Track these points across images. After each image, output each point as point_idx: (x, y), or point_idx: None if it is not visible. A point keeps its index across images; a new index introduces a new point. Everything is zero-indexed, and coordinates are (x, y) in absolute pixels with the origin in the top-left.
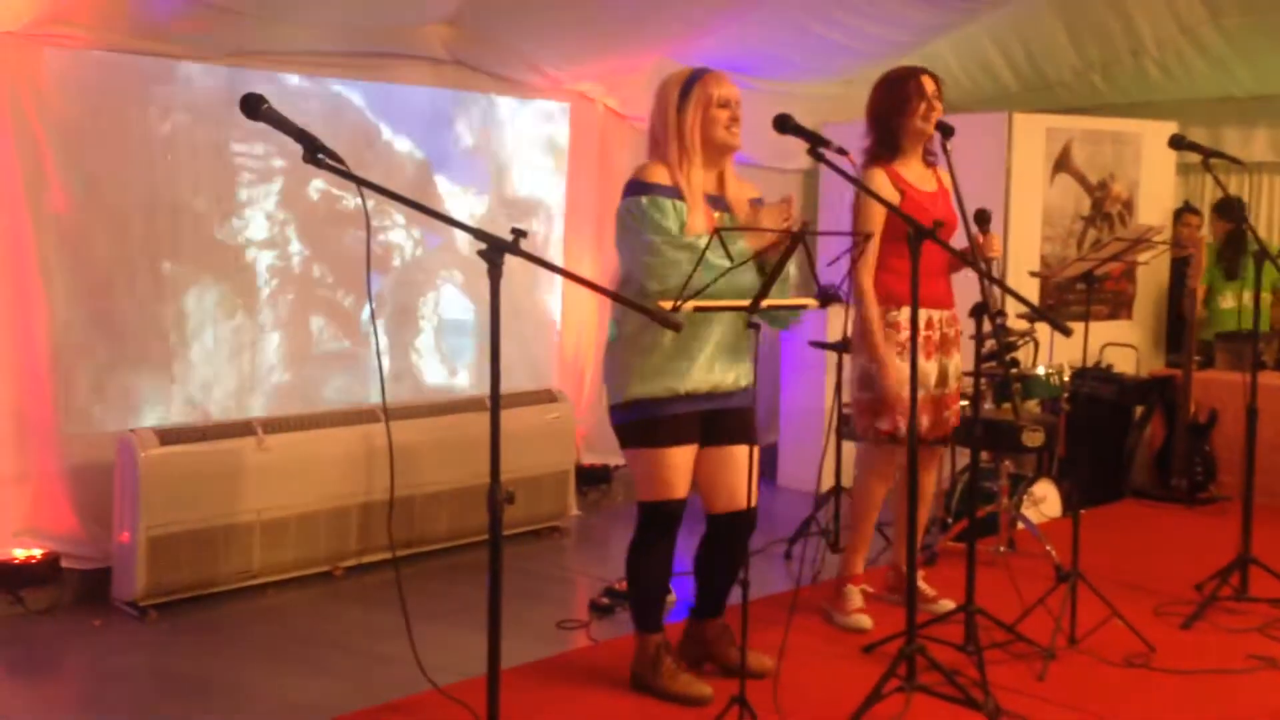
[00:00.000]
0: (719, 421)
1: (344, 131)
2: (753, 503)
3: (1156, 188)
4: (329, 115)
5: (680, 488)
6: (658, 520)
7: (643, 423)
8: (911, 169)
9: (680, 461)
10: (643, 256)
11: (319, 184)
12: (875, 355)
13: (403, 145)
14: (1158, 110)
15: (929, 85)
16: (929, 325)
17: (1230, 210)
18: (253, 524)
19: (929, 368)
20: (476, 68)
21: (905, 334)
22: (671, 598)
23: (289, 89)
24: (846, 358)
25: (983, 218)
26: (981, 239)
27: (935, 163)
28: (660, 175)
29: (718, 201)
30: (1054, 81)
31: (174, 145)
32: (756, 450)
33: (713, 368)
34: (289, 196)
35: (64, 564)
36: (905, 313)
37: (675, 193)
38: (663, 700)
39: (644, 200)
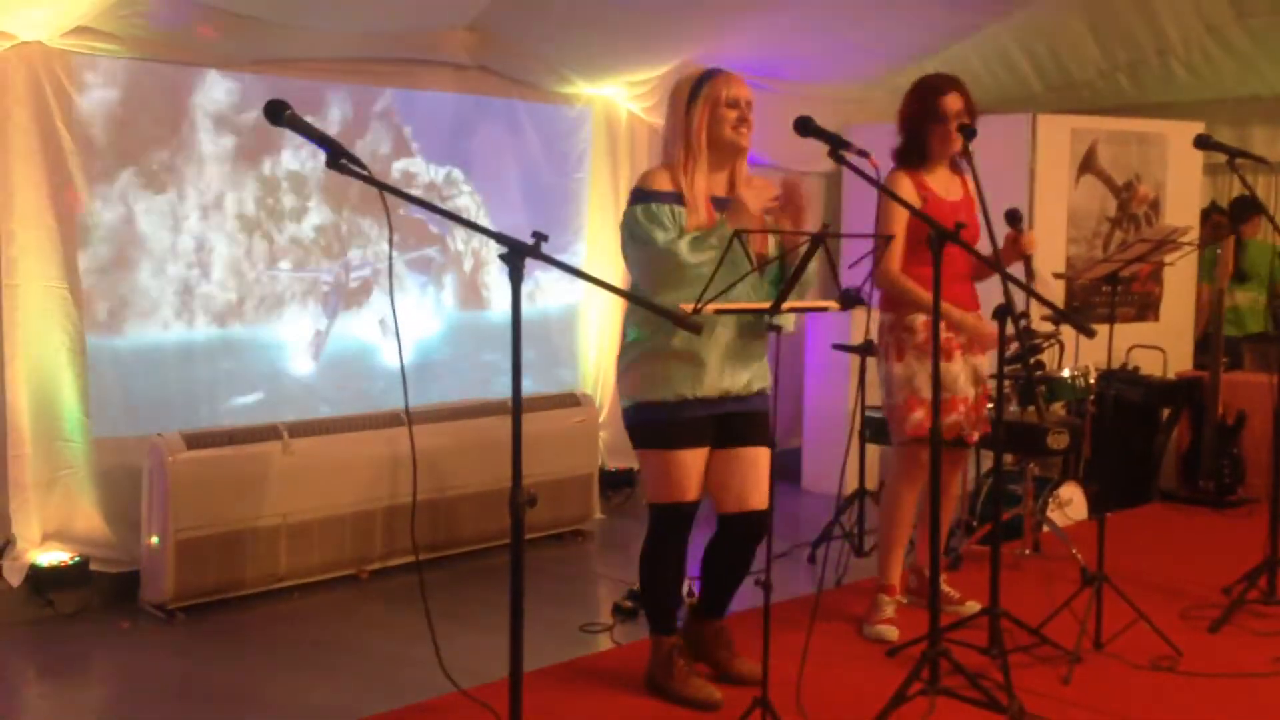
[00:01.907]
0: (731, 424)
1: (368, 137)
2: (764, 505)
3: (1183, 188)
4: (353, 121)
5: (690, 490)
6: (668, 522)
7: (654, 425)
8: (938, 177)
9: (690, 463)
10: (654, 264)
11: (350, 190)
12: (944, 314)
13: (425, 151)
14: (1184, 110)
15: (958, 103)
16: (947, 328)
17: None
18: (279, 527)
19: (956, 369)
20: (500, 73)
21: (921, 336)
22: (692, 599)
23: (314, 95)
24: (870, 361)
25: (1014, 217)
26: (1016, 236)
27: (962, 171)
28: (661, 180)
29: (725, 204)
30: (1079, 82)
31: (201, 153)
32: (768, 454)
33: (723, 372)
34: (313, 203)
35: (93, 567)
36: (921, 318)
37: (675, 197)
38: (676, 703)
39: (639, 211)
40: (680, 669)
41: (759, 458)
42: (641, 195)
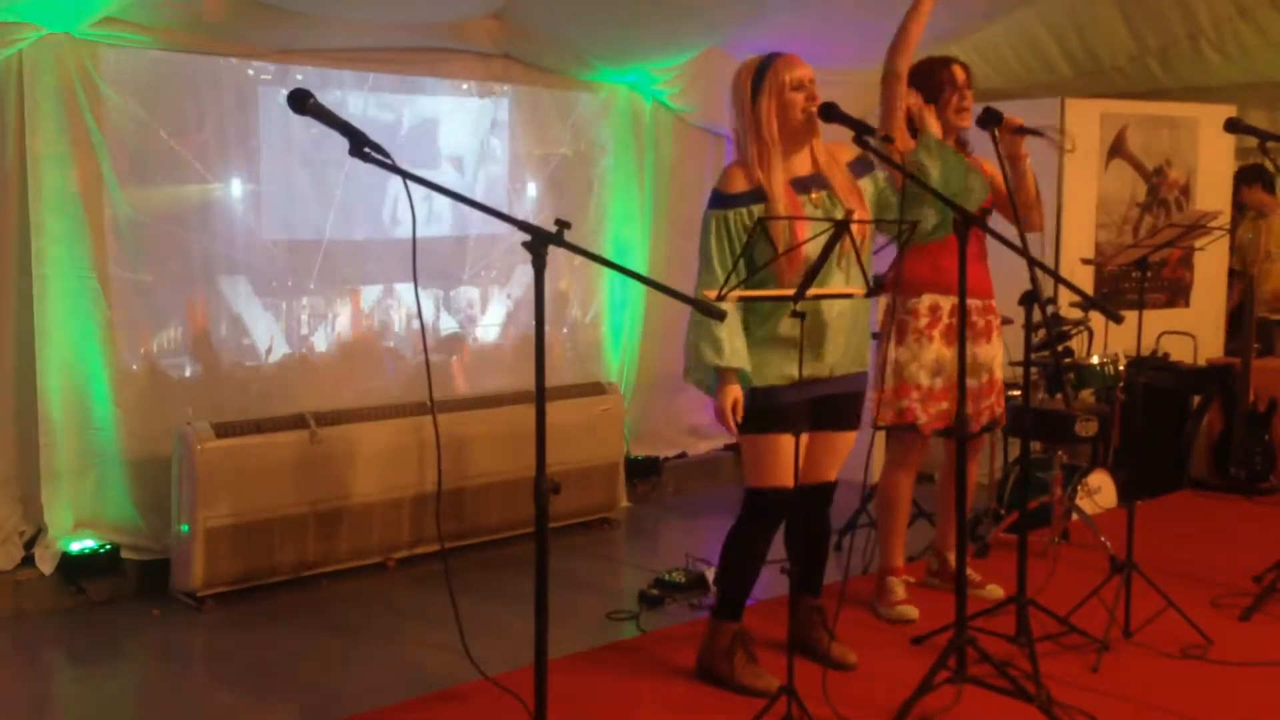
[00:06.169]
0: (829, 405)
1: (391, 125)
2: (833, 478)
3: (1214, 173)
4: (376, 109)
5: (787, 475)
6: (763, 507)
7: (755, 410)
8: None
9: (788, 448)
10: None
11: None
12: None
13: (449, 139)
14: (1215, 95)
15: (960, 75)
16: (952, 313)
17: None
18: (307, 515)
19: (949, 355)
20: (524, 61)
21: (923, 321)
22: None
23: (343, 85)
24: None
25: (988, 118)
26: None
27: (969, 150)
28: (737, 181)
29: (814, 180)
30: (1109, 67)
31: (228, 143)
32: (854, 436)
33: (828, 354)
34: (342, 192)
35: (124, 555)
36: (925, 300)
37: (752, 196)
38: (730, 690)
39: (713, 221)
40: (741, 657)
41: (844, 441)
42: (717, 200)
